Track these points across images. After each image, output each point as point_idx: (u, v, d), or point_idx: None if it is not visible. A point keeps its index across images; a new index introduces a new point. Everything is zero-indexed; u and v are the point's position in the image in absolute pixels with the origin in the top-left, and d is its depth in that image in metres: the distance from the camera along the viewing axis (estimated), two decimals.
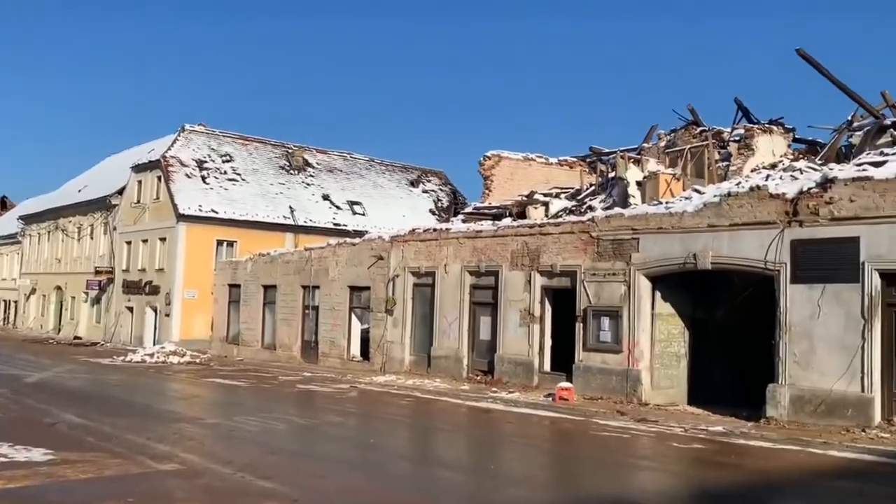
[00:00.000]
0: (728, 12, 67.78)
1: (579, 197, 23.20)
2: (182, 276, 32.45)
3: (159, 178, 34.40)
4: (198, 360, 26.90)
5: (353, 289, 24.62)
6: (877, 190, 13.48)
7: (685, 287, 17.18)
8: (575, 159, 27.48)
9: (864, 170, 14.15)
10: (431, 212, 40.68)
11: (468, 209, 27.09)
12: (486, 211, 24.85)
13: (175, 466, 9.39)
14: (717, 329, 17.80)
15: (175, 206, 32.67)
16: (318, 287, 25.86)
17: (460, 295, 20.83)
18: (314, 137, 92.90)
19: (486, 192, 26.51)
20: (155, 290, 33.54)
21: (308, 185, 38.18)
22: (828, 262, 13.91)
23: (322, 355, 25.43)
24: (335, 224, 36.47)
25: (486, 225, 21.28)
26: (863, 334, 13.39)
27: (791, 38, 59.24)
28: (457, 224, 23.55)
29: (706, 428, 13.58)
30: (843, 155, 18.93)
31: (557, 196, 23.75)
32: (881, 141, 18.36)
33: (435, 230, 22.52)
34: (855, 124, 19.44)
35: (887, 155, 16.19)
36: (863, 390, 13.29)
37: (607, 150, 25.18)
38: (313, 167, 39.40)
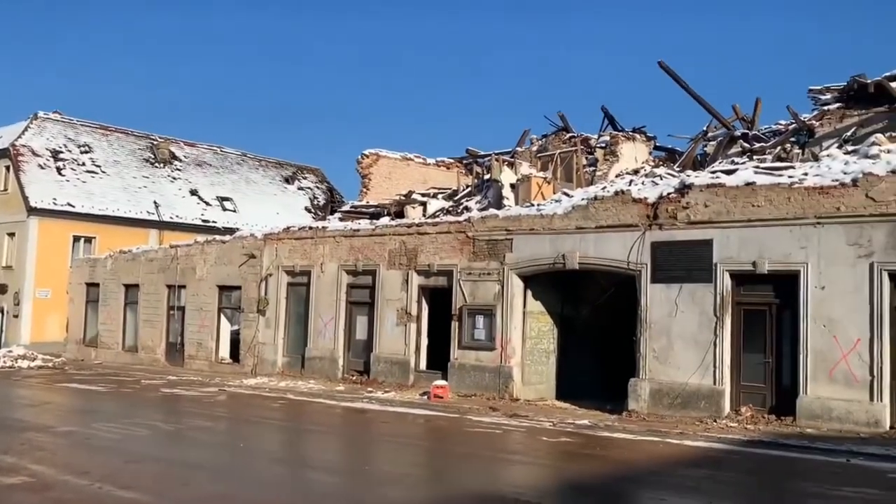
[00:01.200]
0: (599, 15, 71.18)
1: (456, 198, 23.53)
2: (33, 274, 30.17)
3: (7, 167, 31.75)
4: (51, 364, 24.98)
5: (222, 288, 23.74)
6: (728, 196, 14.53)
7: (555, 286, 17.82)
8: (452, 160, 27.86)
9: (717, 177, 15.21)
10: (307, 210, 39.92)
11: (345, 207, 26.83)
12: (363, 210, 24.71)
13: (23, 479, 8.67)
14: (584, 326, 18.59)
15: (26, 199, 30.28)
16: (184, 286, 24.74)
17: (337, 294, 20.57)
18: (182, 130, 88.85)
19: (364, 190, 26.36)
20: (2, 290, 30.93)
21: (175, 179, 36.48)
22: (684, 263, 14.85)
23: (188, 358, 24.35)
24: (204, 221, 35.06)
25: (364, 224, 21.14)
26: (715, 331, 14.39)
27: (656, 48, 63.01)
28: (334, 222, 23.25)
29: (573, 422, 14.13)
30: (699, 163, 20.29)
31: (435, 196, 23.98)
32: (732, 151, 19.84)
33: (311, 228, 22.12)
34: (709, 134, 20.88)
35: (738, 164, 17.50)
36: (715, 383, 14.28)
37: (483, 153, 25.70)
38: (181, 160, 37.68)
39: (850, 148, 16.41)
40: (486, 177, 22.81)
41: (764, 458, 11.06)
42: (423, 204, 22.81)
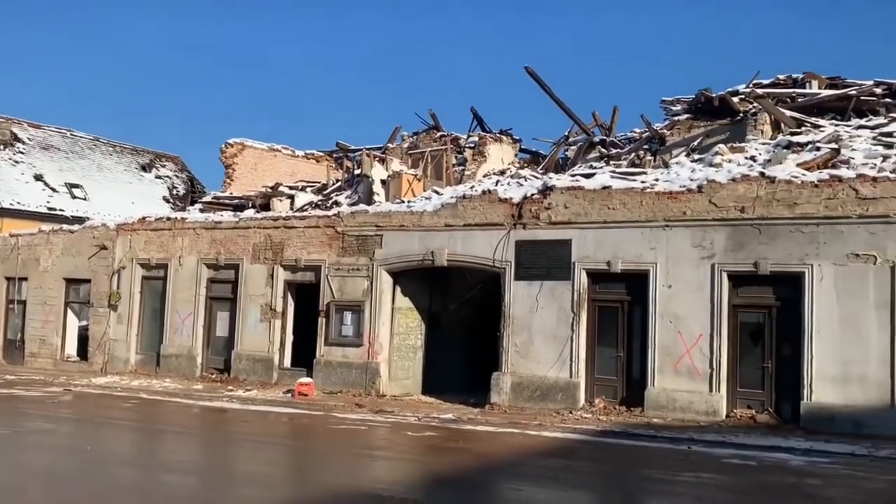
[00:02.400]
0: (473, 16, 72.55)
1: (325, 192, 23.18)
2: None
3: None
4: None
5: (69, 281, 22.12)
6: (586, 198, 15.23)
7: (423, 282, 17.98)
8: (322, 153, 27.38)
9: (576, 180, 15.91)
10: (165, 199, 37.93)
11: (207, 198, 25.69)
12: (227, 201, 23.79)
13: None
14: (452, 322, 18.89)
15: None
16: (25, 279, 22.84)
17: (196, 289, 19.71)
18: (27, 110, 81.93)
19: (228, 181, 25.37)
20: None
21: (17, 162, 33.55)
22: (546, 261, 15.43)
23: (30, 356, 22.51)
24: (50, 209, 32.46)
25: (227, 216, 20.38)
26: (572, 326, 15.05)
27: (528, 52, 65.07)
28: (194, 213, 22.25)
29: (438, 416, 14.33)
30: (561, 166, 21.13)
31: (303, 189, 23.51)
32: (592, 155, 20.81)
33: (169, 219, 21.06)
34: (571, 139, 21.80)
35: (596, 168, 18.40)
36: (571, 376, 14.94)
37: (354, 147, 25.47)
38: (24, 143, 34.71)
39: (696, 156, 17.68)
40: (357, 172, 22.64)
41: (615, 447, 11.69)
42: (291, 197, 22.31)
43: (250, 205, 22.22)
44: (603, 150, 20.68)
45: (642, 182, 15.31)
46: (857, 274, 12.86)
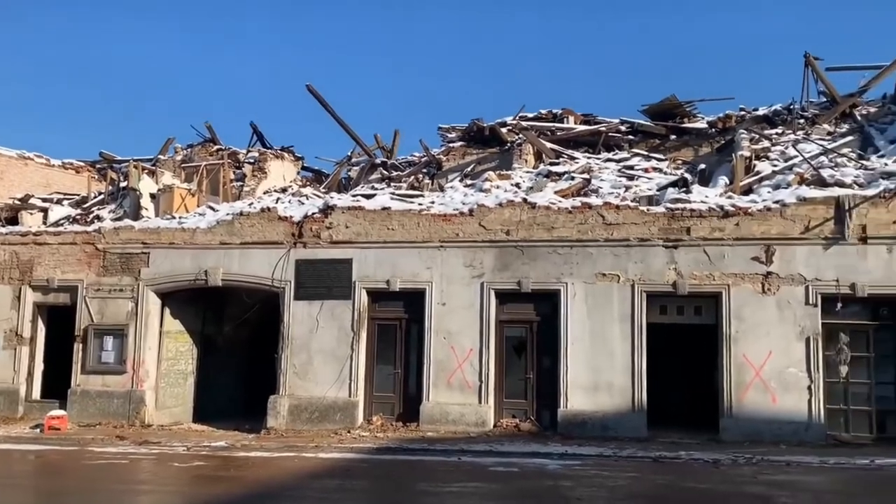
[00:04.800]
0: (254, 25, 70.62)
1: (86, 205, 21.24)
2: None
3: None
4: None
5: None
6: (367, 218, 15.48)
7: (196, 303, 17.11)
8: (83, 164, 25.07)
9: (357, 200, 16.11)
10: None
11: None
12: None
13: None
14: (227, 345, 18.15)
15: None
16: None
17: None
18: None
19: None
20: None
21: None
22: (326, 280, 15.41)
23: None
24: None
25: None
26: (352, 345, 15.16)
27: (303, 72, 64.63)
28: None
29: (209, 444, 13.66)
30: (344, 186, 21.27)
31: (59, 202, 21.37)
32: (374, 176, 21.19)
33: None
34: (354, 160, 22.04)
35: (377, 189, 18.75)
36: (350, 395, 15.01)
37: (120, 158, 23.65)
38: None
39: (469, 182, 18.70)
40: (124, 184, 21.04)
41: (390, 463, 11.91)
42: (45, 210, 20.18)
43: None
44: (384, 171, 21.15)
45: (420, 204, 15.89)
46: (603, 291, 14.33)
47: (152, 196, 19.43)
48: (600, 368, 14.18)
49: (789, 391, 13.35)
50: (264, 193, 20.03)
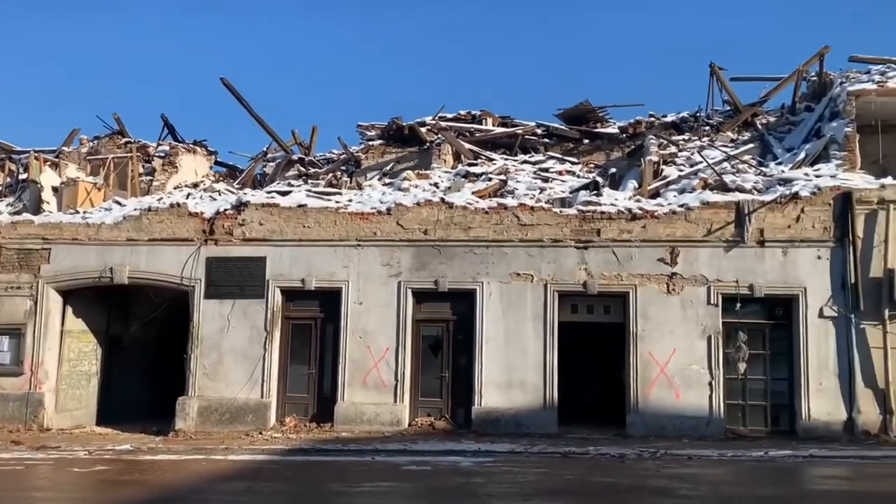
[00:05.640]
0: (164, 15, 67.96)
1: None
2: None
3: None
4: None
5: None
6: (282, 216, 15.24)
7: (101, 302, 16.46)
8: None
9: (272, 197, 15.84)
10: None
11: None
12: None
13: None
14: (134, 344, 17.54)
15: None
16: None
17: None
18: None
19: None
20: None
21: None
22: (238, 279, 15.10)
23: None
24: None
25: None
26: (265, 345, 14.89)
27: (219, 66, 62.84)
28: None
29: (113, 447, 13.16)
30: (259, 182, 20.85)
31: None
32: (290, 173, 20.85)
33: None
34: (270, 155, 21.63)
35: (294, 186, 18.46)
36: (262, 396, 14.75)
37: (19, 149, 22.43)
38: None
39: (388, 180, 18.67)
40: (23, 176, 20.01)
41: (303, 464, 11.76)
42: None
43: None
44: (302, 168, 20.85)
45: (337, 202, 15.76)
46: (518, 291, 14.58)
47: (55, 189, 18.56)
48: (514, 366, 14.41)
49: (692, 387, 13.93)
50: (175, 189, 19.43)
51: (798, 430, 13.69)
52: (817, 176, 14.81)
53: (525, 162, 19.06)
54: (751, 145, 17.83)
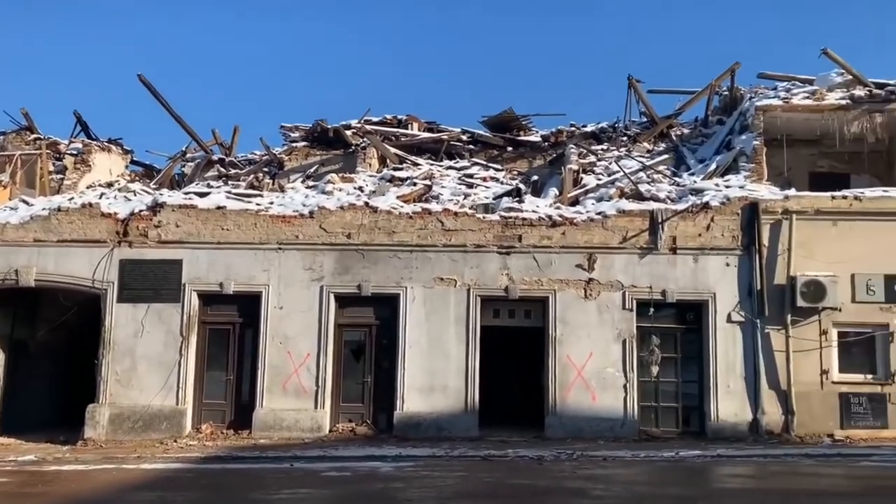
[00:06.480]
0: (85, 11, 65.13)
1: None
2: None
3: None
4: None
5: None
6: (200, 218, 14.88)
7: (5, 305, 15.65)
8: None
9: (190, 198, 15.44)
10: None
11: None
12: None
13: None
14: (41, 350, 16.73)
15: None
16: None
17: None
18: None
19: None
20: None
21: None
22: (154, 282, 14.66)
23: None
24: None
25: None
26: (181, 351, 14.50)
27: (138, 61, 60.61)
28: None
29: (16, 458, 12.57)
30: (177, 183, 20.27)
31: None
32: (210, 174, 20.36)
33: None
34: (189, 155, 21.06)
35: (213, 187, 18.04)
36: (178, 403, 14.35)
37: None
38: None
39: (311, 183, 18.48)
40: None
41: (219, 472, 11.50)
42: None
43: None
44: (222, 169, 20.39)
45: (257, 205, 15.49)
46: (441, 295, 14.67)
47: None
48: (436, 371, 14.48)
49: (607, 390, 14.32)
50: (87, 188, 18.68)
51: (707, 431, 14.26)
52: (727, 187, 15.48)
53: (450, 168, 19.20)
54: (666, 156, 18.48)
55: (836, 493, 9.73)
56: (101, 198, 16.19)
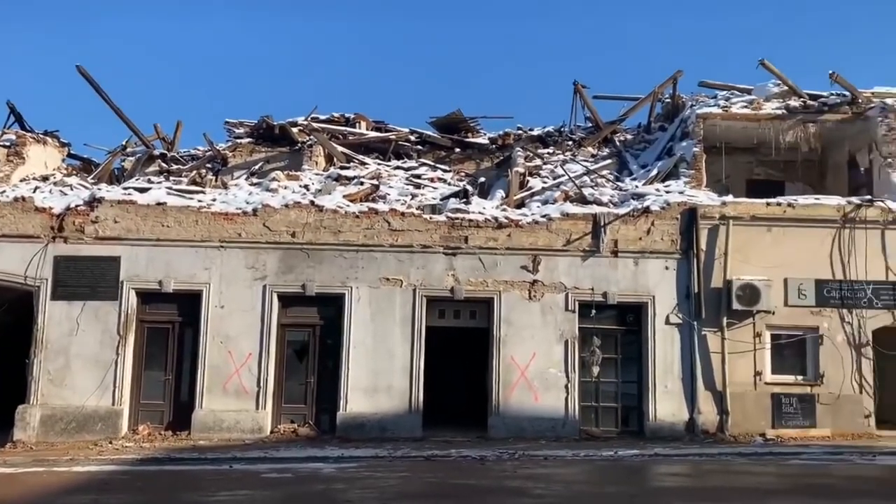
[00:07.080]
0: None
1: None
2: None
3: None
4: None
5: None
6: (139, 214, 14.54)
7: None
8: None
9: (129, 194, 15.07)
10: None
11: None
12: None
13: None
14: None
15: None
16: None
17: None
18: None
19: None
20: None
21: None
22: (90, 279, 14.29)
23: None
24: None
25: None
26: (118, 350, 14.14)
27: (73, 53, 58.55)
28: None
29: None
30: (117, 178, 19.71)
31: None
32: (151, 169, 19.84)
33: None
34: (129, 150, 20.49)
35: (154, 183, 17.61)
36: (114, 403, 13.99)
37: None
38: None
39: (255, 180, 18.19)
40: None
41: (155, 473, 11.24)
42: None
43: None
44: (164, 164, 19.89)
45: (199, 201, 15.21)
46: (386, 295, 14.65)
47: None
48: (381, 371, 14.45)
49: (549, 390, 14.52)
50: (21, 181, 17.97)
51: (646, 431, 14.58)
52: (667, 192, 15.86)
53: (398, 168, 19.16)
54: (609, 161, 18.82)
55: (766, 491, 10.05)
56: (35, 191, 15.67)
